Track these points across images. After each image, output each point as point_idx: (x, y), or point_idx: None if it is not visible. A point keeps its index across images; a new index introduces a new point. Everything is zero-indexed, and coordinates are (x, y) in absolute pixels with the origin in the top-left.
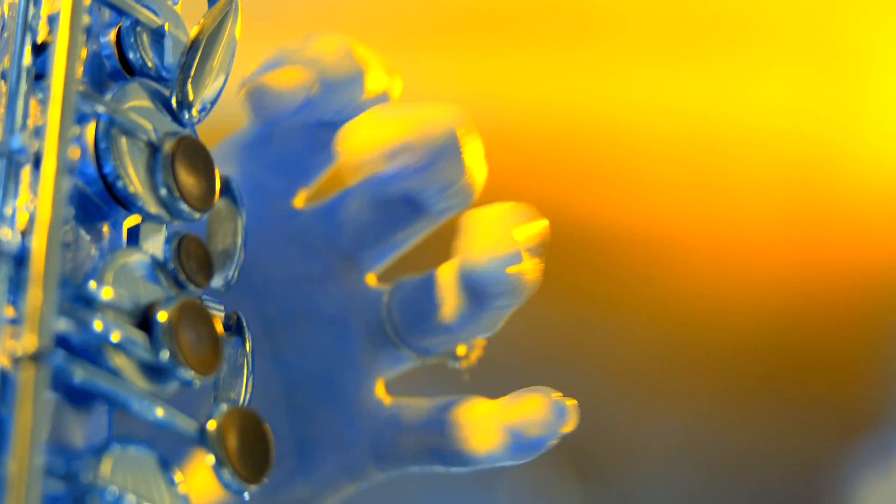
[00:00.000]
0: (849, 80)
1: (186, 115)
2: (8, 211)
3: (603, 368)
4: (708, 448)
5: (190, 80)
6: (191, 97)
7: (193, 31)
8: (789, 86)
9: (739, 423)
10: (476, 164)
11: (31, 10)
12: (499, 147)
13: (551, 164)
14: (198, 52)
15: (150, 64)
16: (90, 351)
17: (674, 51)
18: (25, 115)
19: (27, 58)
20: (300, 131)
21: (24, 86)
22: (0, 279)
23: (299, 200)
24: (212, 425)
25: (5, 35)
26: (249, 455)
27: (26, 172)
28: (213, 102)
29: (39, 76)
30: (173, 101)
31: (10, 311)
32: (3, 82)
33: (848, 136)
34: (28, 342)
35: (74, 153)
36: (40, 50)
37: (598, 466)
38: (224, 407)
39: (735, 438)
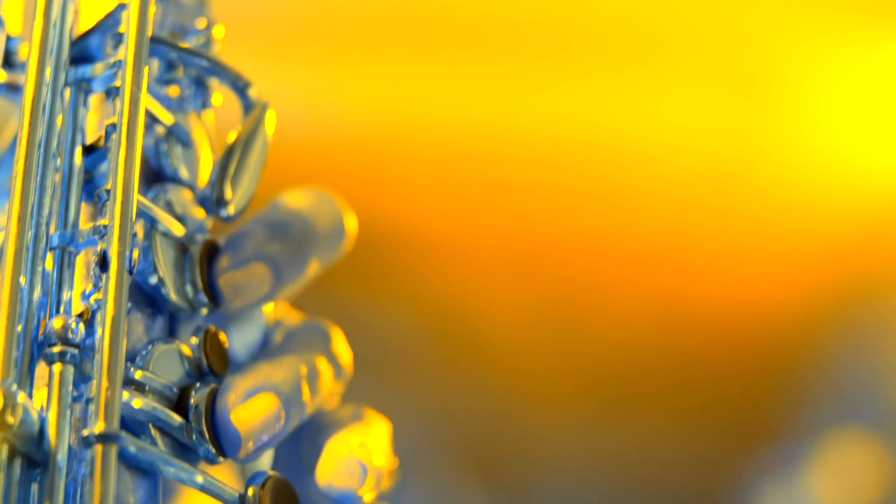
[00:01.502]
0: (760, 103)
1: (225, 212)
2: (65, 297)
3: (507, 369)
4: (611, 452)
5: (230, 180)
6: (229, 195)
7: (232, 135)
8: (699, 106)
9: (642, 428)
10: None
11: (81, 110)
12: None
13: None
14: (237, 153)
15: (182, 172)
16: (134, 426)
17: (581, 66)
18: (78, 211)
19: (78, 157)
20: None
21: (76, 184)
22: (68, 366)
23: None
24: (251, 491)
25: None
26: None
27: (80, 263)
28: (246, 205)
29: (89, 174)
30: (213, 199)
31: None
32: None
33: (758, 158)
34: (99, 426)
35: (135, 255)
36: (90, 151)
37: (502, 467)
38: (262, 474)
39: (637, 443)
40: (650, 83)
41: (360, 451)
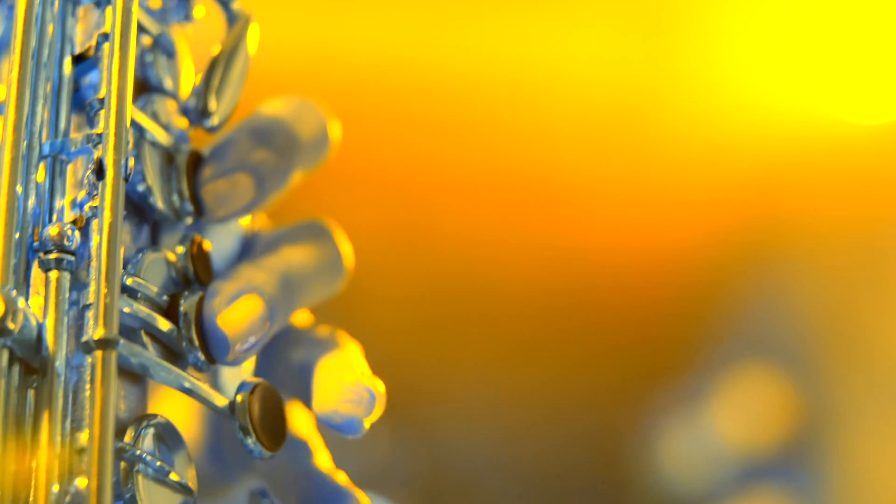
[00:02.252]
0: (666, 39)
1: (209, 123)
2: (57, 205)
3: (417, 316)
4: (516, 393)
5: (214, 91)
6: (213, 106)
7: (216, 48)
8: (603, 40)
9: (546, 368)
10: None
11: (69, 21)
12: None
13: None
14: (220, 66)
15: (167, 82)
16: (125, 331)
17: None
18: (69, 121)
19: (67, 67)
20: None
21: (65, 94)
22: (64, 273)
23: None
24: (240, 398)
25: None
26: (270, 426)
27: (70, 172)
28: (230, 113)
29: (76, 85)
30: (197, 109)
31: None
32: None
33: (663, 96)
34: (99, 331)
35: (131, 163)
36: (79, 60)
37: (407, 410)
38: (250, 383)
39: (541, 383)
40: (554, 15)
41: (367, 378)
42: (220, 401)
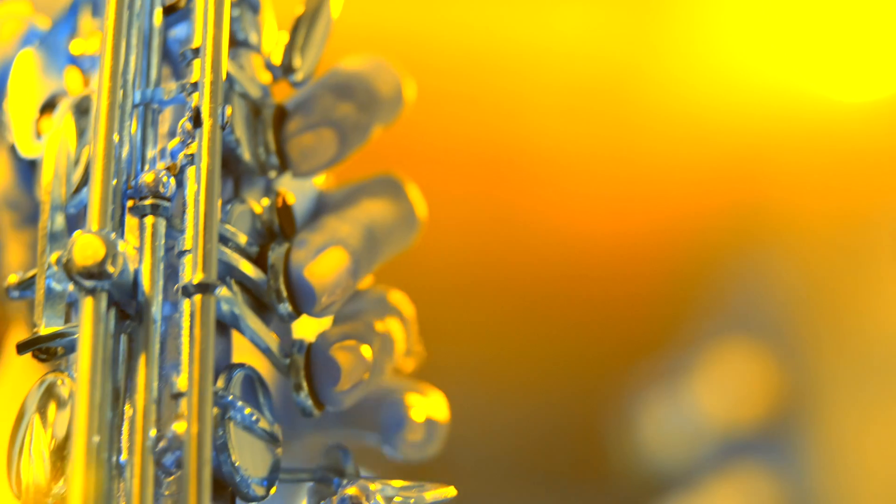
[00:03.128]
0: (651, 15)
1: (294, 78)
2: (148, 154)
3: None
4: (495, 364)
5: (299, 48)
6: (298, 62)
7: (300, 7)
8: (588, 14)
9: (526, 344)
10: None
11: None
12: None
13: None
14: (305, 24)
15: (252, 37)
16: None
17: None
18: (159, 71)
19: (158, 18)
20: None
21: (156, 44)
22: (160, 219)
23: None
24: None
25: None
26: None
27: (164, 120)
28: (314, 69)
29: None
30: (283, 65)
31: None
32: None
33: (647, 73)
34: (198, 276)
35: (228, 111)
36: (169, 11)
37: None
38: (305, 343)
39: (521, 359)
40: None
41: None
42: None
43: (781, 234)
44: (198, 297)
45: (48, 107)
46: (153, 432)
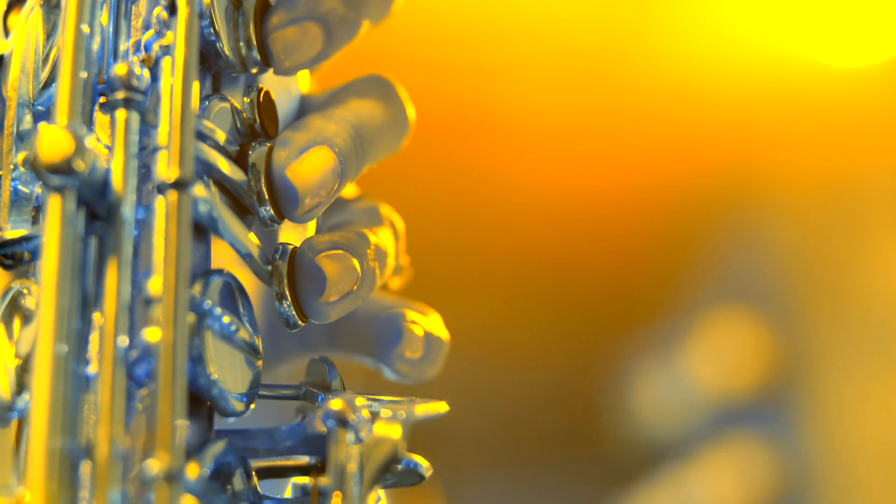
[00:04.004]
0: None
1: None
2: (121, 48)
3: None
4: (488, 335)
5: None
6: None
7: None
8: None
9: (521, 310)
10: None
11: None
12: None
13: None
14: None
15: None
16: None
17: None
18: None
19: None
20: None
21: None
22: (133, 113)
23: None
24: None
25: None
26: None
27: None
28: None
29: None
30: None
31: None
32: None
33: (643, 34)
34: (172, 172)
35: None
36: None
37: None
38: (288, 248)
39: (516, 326)
40: None
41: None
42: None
43: (775, 197)
44: (173, 195)
45: (16, 2)
46: (124, 341)
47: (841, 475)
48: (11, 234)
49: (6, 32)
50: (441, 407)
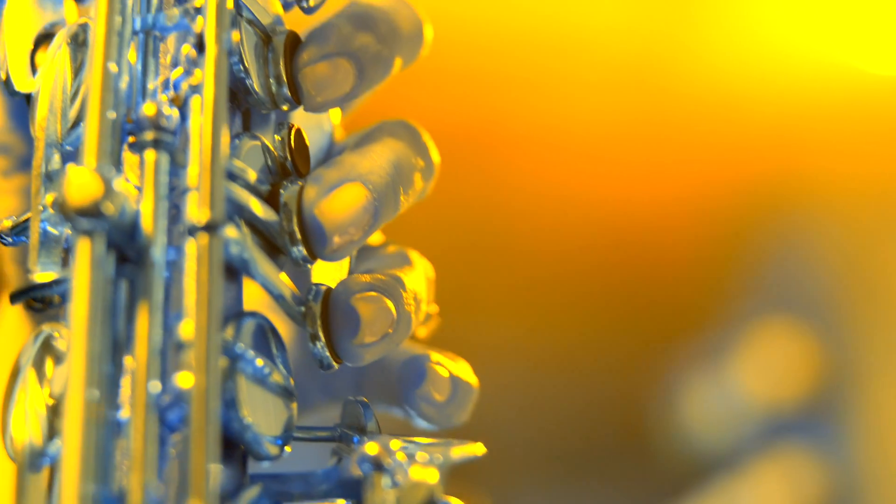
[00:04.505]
0: None
1: (306, 4)
2: (150, 86)
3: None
4: (538, 347)
5: None
6: None
7: None
8: None
9: (571, 322)
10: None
11: None
12: None
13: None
14: None
15: None
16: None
17: None
18: None
19: None
20: None
21: None
22: (162, 154)
23: None
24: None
25: None
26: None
27: (166, 49)
28: None
29: None
30: None
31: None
32: None
33: (688, 43)
34: (203, 214)
35: (235, 37)
36: None
37: None
38: (322, 289)
39: (566, 338)
40: None
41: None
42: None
43: (820, 204)
44: (203, 238)
45: (44, 39)
46: (156, 386)
47: (890, 485)
48: (41, 276)
49: (34, 70)
50: (478, 449)
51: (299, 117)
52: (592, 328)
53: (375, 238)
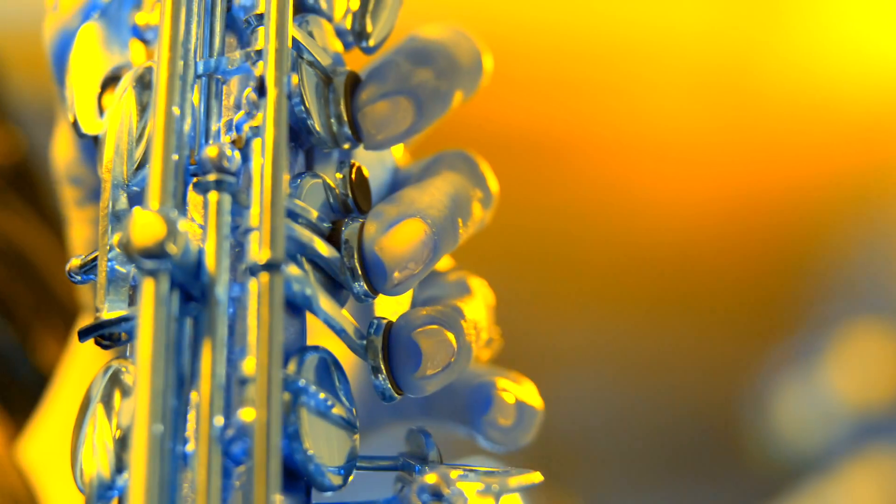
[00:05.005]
0: None
1: (366, 44)
2: (212, 128)
3: (522, 269)
4: (629, 350)
5: (370, 12)
6: (369, 28)
7: None
8: None
9: (660, 325)
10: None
11: None
12: None
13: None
14: None
15: (321, 3)
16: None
17: None
18: (223, 40)
19: None
20: None
21: (219, 11)
22: (224, 195)
23: None
24: (375, 339)
25: None
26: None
27: (229, 92)
28: (387, 36)
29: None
30: (354, 31)
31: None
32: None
33: (770, 45)
34: (264, 254)
35: (294, 80)
36: None
37: (518, 367)
38: (383, 323)
39: (655, 339)
40: None
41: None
42: (359, 345)
43: None
44: (264, 277)
45: (111, 81)
46: (219, 420)
47: None
48: (108, 315)
49: (101, 112)
50: (535, 477)
51: (361, 154)
52: (684, 331)
53: (442, 264)
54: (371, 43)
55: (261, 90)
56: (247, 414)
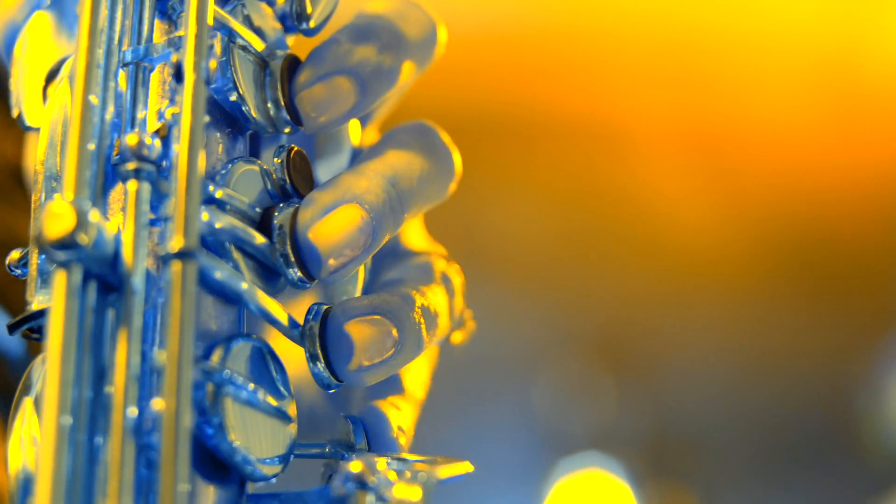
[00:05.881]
0: None
1: (306, 26)
2: (139, 115)
3: (638, 266)
4: (742, 342)
5: None
6: (308, 9)
7: None
8: None
9: (774, 317)
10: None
11: None
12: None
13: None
14: None
15: None
16: (215, 247)
17: None
18: (151, 27)
19: None
20: None
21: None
22: (143, 183)
23: None
24: (314, 325)
25: None
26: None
27: (155, 81)
28: (328, 18)
29: None
30: (292, 13)
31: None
32: None
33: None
34: (177, 242)
35: (212, 65)
36: None
37: (634, 362)
38: (322, 309)
39: (770, 333)
40: None
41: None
42: (294, 335)
43: None
44: (177, 265)
45: (57, 73)
46: (133, 411)
47: None
48: (36, 307)
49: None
50: (465, 468)
51: (320, 136)
52: (800, 327)
53: (417, 243)
54: (312, 24)
55: (178, 76)
56: (157, 403)
